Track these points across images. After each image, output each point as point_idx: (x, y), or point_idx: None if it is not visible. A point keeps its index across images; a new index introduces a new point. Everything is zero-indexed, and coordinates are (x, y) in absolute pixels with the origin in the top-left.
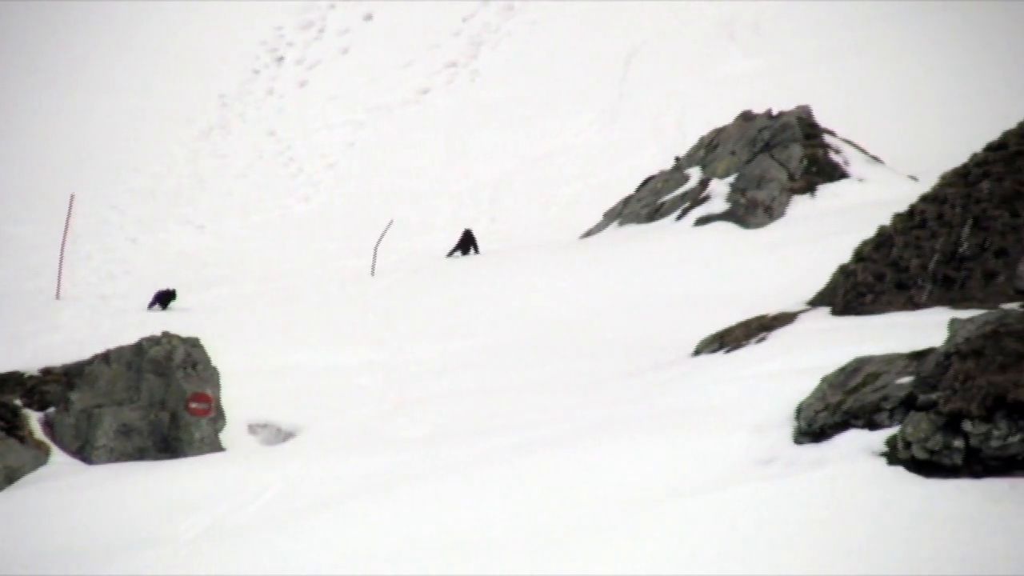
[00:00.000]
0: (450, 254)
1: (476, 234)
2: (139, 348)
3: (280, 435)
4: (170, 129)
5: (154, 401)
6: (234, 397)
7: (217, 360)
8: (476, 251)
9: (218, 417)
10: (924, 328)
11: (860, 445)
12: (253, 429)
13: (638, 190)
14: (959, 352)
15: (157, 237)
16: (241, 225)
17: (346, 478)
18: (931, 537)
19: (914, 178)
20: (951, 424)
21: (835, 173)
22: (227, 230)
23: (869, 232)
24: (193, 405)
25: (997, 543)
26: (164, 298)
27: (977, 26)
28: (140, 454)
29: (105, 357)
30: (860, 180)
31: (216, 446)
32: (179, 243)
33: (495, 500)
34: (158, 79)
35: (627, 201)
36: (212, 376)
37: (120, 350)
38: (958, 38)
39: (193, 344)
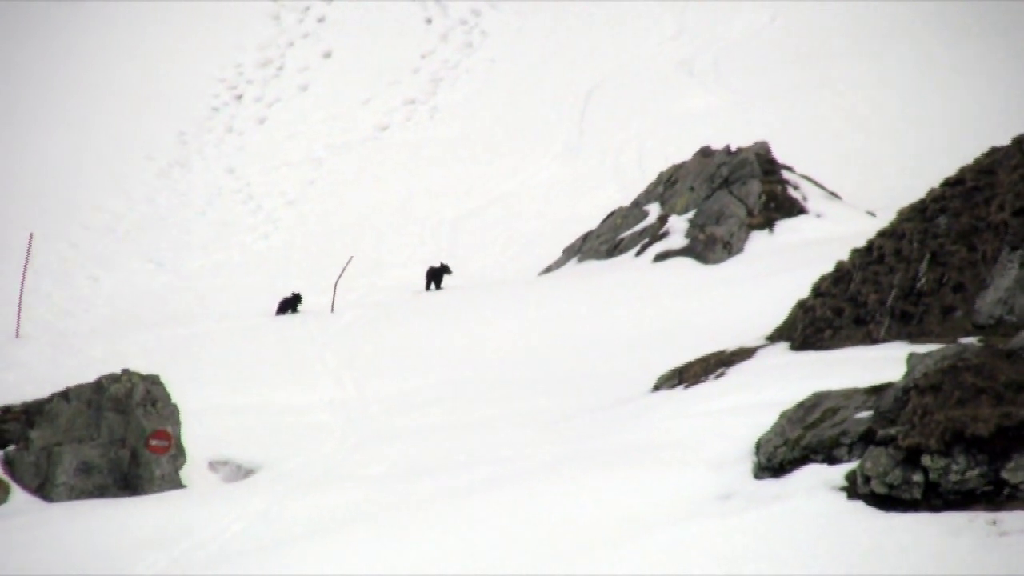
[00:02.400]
0: (427, 288)
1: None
2: (99, 386)
3: (240, 472)
4: (130, 166)
5: (114, 439)
6: (194, 434)
7: (177, 397)
8: (438, 287)
9: (178, 454)
10: (882, 363)
11: (820, 480)
12: (213, 466)
13: (598, 226)
14: (917, 387)
15: (117, 275)
16: (201, 263)
17: (307, 516)
18: (891, 571)
19: (872, 213)
20: (910, 459)
21: (793, 209)
22: (187, 268)
23: (827, 267)
24: (153, 442)
25: None
26: (291, 304)
27: (931, 63)
28: (100, 492)
29: (65, 395)
30: (818, 216)
31: (176, 483)
32: (139, 281)
33: (463, 537)
34: (118, 116)
35: (587, 237)
36: (172, 413)
37: (80, 388)
38: (913, 75)
39: (153, 381)
